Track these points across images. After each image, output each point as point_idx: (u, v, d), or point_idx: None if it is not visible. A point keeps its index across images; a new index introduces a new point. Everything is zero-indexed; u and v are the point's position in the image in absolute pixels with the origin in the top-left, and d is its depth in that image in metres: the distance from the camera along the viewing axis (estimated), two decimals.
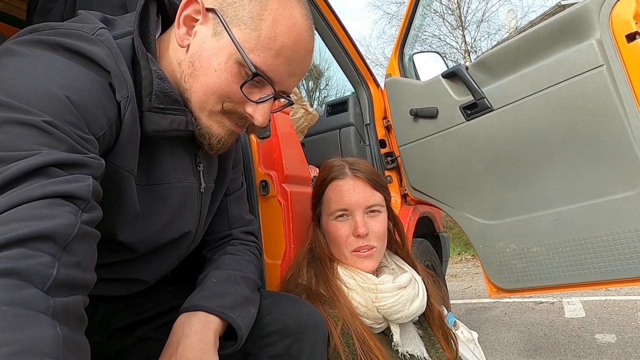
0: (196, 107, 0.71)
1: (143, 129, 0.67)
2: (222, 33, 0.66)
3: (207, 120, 0.72)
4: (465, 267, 6.67)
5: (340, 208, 1.10)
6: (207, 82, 0.68)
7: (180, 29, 0.69)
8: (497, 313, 3.60)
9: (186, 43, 0.69)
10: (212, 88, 0.68)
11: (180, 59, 0.70)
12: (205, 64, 0.67)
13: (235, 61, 0.66)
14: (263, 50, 0.66)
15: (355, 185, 1.10)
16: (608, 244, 1.46)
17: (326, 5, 1.94)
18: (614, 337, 2.64)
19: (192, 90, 0.70)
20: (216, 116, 0.72)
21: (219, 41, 0.66)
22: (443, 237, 2.54)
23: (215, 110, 0.71)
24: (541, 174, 1.57)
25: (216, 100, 0.69)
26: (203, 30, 0.68)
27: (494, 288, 1.77)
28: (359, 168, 1.13)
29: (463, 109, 1.72)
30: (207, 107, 0.70)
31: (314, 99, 15.20)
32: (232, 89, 0.68)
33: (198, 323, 0.72)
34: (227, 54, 0.66)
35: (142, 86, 0.66)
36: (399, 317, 1.03)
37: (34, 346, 0.38)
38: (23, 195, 0.47)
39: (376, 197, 1.11)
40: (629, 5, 1.36)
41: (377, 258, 1.10)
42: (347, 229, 1.09)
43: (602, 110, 1.40)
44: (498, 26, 13.71)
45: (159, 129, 0.68)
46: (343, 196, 1.10)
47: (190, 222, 0.83)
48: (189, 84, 0.70)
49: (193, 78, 0.69)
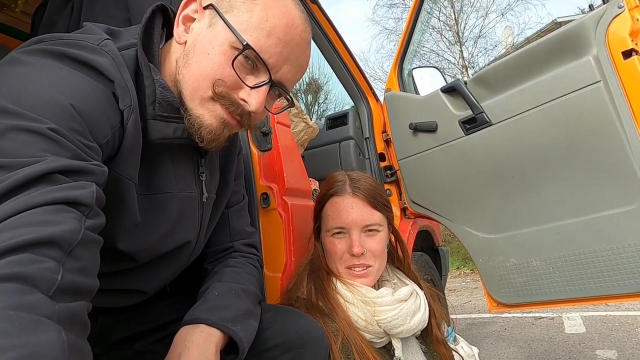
0: (188, 97, 0.70)
1: (148, 137, 0.68)
2: (217, 22, 0.68)
3: (198, 108, 0.70)
4: (464, 282, 6.63)
5: (337, 226, 1.09)
6: (199, 67, 0.68)
7: (179, 27, 0.72)
8: (496, 328, 3.57)
9: (183, 39, 0.71)
10: (205, 71, 0.68)
11: (178, 54, 0.72)
12: (198, 51, 0.69)
13: (229, 44, 0.67)
14: (255, 29, 0.67)
15: (353, 204, 1.09)
16: (608, 259, 1.45)
17: (325, 20, 1.97)
18: (615, 353, 2.62)
19: (185, 79, 0.70)
20: (207, 103, 0.69)
21: (213, 30, 0.69)
22: (442, 251, 2.53)
23: (207, 95, 0.69)
24: (541, 188, 1.57)
25: (208, 84, 0.68)
26: (199, 25, 0.71)
27: (494, 302, 1.76)
28: (359, 186, 1.12)
29: (462, 124, 1.74)
30: (199, 93, 0.69)
31: (312, 113, 15.28)
32: (225, 70, 0.67)
33: (199, 336, 0.72)
34: (221, 39, 0.67)
35: (145, 95, 0.67)
36: (400, 332, 1.02)
37: (40, 351, 0.38)
38: (28, 202, 0.47)
39: (375, 217, 1.10)
40: (625, 22, 1.38)
41: (373, 277, 1.09)
42: (344, 246, 1.08)
43: (600, 126, 1.42)
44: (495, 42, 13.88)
45: (164, 136, 0.69)
46: (340, 214, 1.09)
47: (191, 232, 0.83)
48: (182, 75, 0.70)
49: (186, 68, 0.70)
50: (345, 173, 1.17)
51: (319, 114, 15.33)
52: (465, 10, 12.56)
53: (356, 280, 1.06)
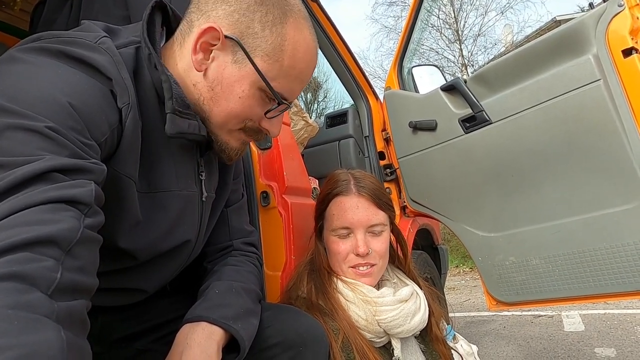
0: (216, 126, 0.75)
1: (166, 131, 0.69)
2: (244, 62, 0.70)
3: (225, 136, 0.77)
4: (464, 280, 6.64)
5: (342, 226, 1.08)
6: (230, 107, 0.72)
7: (197, 54, 0.70)
8: (495, 326, 3.57)
9: (203, 67, 0.71)
10: (236, 112, 0.73)
11: (196, 81, 0.72)
12: (227, 89, 0.71)
13: (257, 88, 0.71)
14: (284, 77, 0.72)
15: (359, 203, 1.08)
16: (607, 257, 1.45)
17: (325, 18, 1.97)
18: (614, 351, 2.62)
19: (213, 113, 0.74)
20: (235, 133, 0.77)
21: (240, 69, 0.70)
22: (442, 249, 2.54)
23: (235, 129, 0.76)
24: (540, 186, 1.57)
25: (238, 121, 0.75)
26: (222, 56, 0.70)
27: (494, 301, 1.76)
28: (364, 185, 1.11)
29: (462, 122, 1.74)
30: (228, 126, 0.75)
31: (312, 111, 15.28)
32: (254, 111, 0.74)
33: (201, 334, 0.72)
34: (250, 82, 0.71)
35: (148, 91, 0.68)
36: (400, 332, 1.02)
37: (38, 350, 0.38)
38: (26, 200, 0.47)
39: (379, 217, 1.09)
40: (625, 21, 1.38)
41: (376, 276, 1.09)
42: (348, 246, 1.08)
43: (599, 124, 1.42)
44: (494, 40, 13.91)
45: (181, 130, 0.70)
46: (346, 214, 1.08)
47: (190, 231, 0.83)
48: (208, 107, 0.73)
49: (214, 102, 0.72)
50: (348, 172, 1.16)
51: (318, 112, 15.33)
52: (465, 9, 12.55)
53: (360, 279, 1.06)
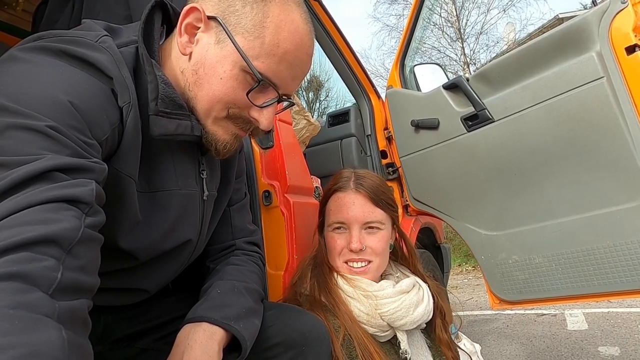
0: (201, 114, 0.72)
1: (150, 133, 0.67)
2: (226, 41, 0.67)
3: (212, 126, 0.72)
4: (466, 279, 6.63)
5: (338, 221, 1.10)
6: (212, 89, 0.69)
7: (182, 37, 0.70)
8: (498, 325, 3.57)
9: (188, 51, 0.70)
10: (218, 95, 0.69)
11: (183, 67, 0.71)
12: (209, 71, 0.68)
13: (240, 68, 0.67)
14: (267, 56, 0.67)
15: (355, 200, 1.09)
16: (611, 255, 1.45)
17: (327, 16, 1.96)
18: (618, 349, 2.61)
19: (197, 98, 0.70)
20: (221, 122, 0.72)
21: (222, 49, 0.67)
22: (444, 248, 2.53)
23: (221, 116, 0.72)
24: (543, 184, 1.57)
25: (222, 107, 0.70)
26: (205, 38, 0.69)
27: (497, 300, 1.76)
28: (363, 182, 1.11)
29: (464, 120, 1.73)
30: (213, 113, 0.71)
31: (314, 111, 15.27)
32: (238, 95, 0.69)
33: (202, 334, 0.71)
34: (231, 62, 0.67)
35: (147, 91, 0.66)
36: (404, 323, 1.02)
37: (40, 350, 0.38)
38: (27, 200, 0.47)
39: (376, 214, 1.09)
40: (629, 18, 1.37)
41: (373, 274, 1.08)
42: (343, 241, 1.09)
43: (603, 122, 1.41)
44: (497, 38, 13.85)
45: (166, 132, 0.68)
46: (342, 209, 1.10)
47: (192, 230, 0.82)
48: (193, 92, 0.70)
49: (197, 86, 0.70)
50: (352, 170, 1.17)
51: (320, 111, 15.33)
52: (467, 7, 12.52)
53: (355, 276, 1.06)
